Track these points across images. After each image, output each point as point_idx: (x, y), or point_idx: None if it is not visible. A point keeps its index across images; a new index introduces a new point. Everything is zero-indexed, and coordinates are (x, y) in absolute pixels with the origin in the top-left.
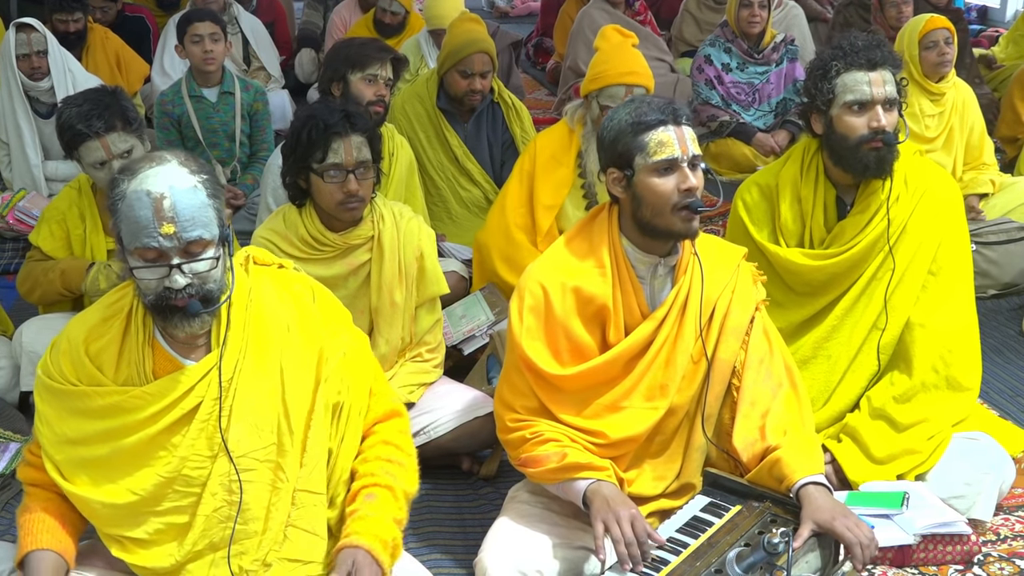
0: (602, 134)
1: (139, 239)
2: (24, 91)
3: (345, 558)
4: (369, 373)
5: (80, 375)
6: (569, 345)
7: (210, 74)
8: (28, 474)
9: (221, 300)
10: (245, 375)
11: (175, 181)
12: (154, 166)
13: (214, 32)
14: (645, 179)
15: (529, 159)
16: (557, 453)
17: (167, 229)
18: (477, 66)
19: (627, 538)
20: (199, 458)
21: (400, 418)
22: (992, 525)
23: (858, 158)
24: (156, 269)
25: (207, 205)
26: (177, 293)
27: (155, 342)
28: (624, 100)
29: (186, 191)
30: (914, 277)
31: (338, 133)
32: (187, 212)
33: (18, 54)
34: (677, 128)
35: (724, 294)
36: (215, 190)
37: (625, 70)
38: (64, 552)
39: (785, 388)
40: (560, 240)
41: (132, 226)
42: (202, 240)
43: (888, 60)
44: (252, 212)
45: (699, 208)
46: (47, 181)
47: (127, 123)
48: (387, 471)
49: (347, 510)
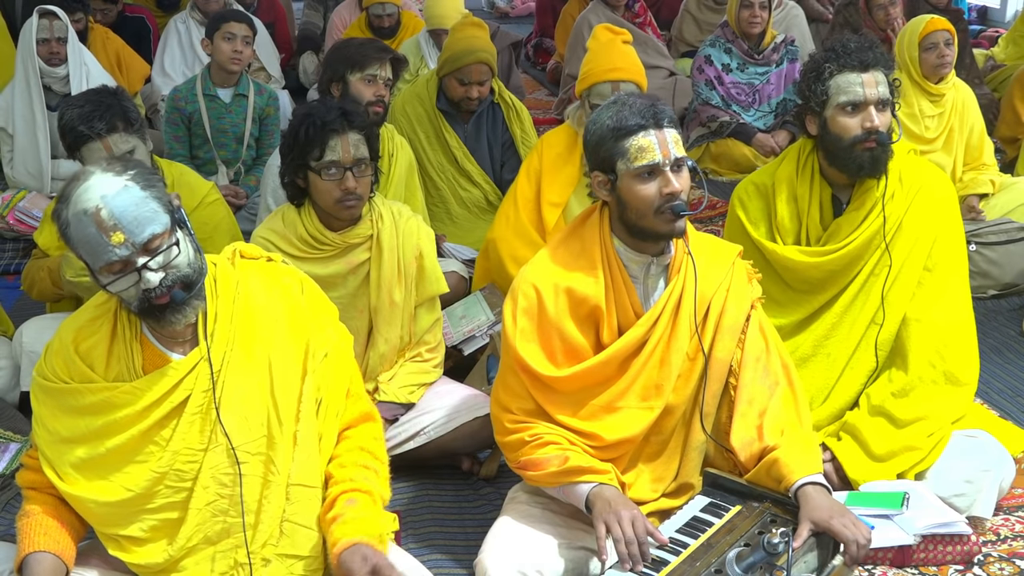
0: (586, 137)
1: (99, 258)
2: (40, 79)
3: (352, 556)
4: (348, 373)
5: (72, 373)
6: (563, 346)
7: (232, 74)
8: (26, 478)
9: (202, 278)
10: (233, 368)
11: (104, 189)
12: (81, 183)
13: (247, 35)
14: (628, 184)
15: (537, 158)
16: (558, 456)
17: (117, 238)
18: (475, 75)
19: (627, 537)
20: (190, 451)
21: (374, 423)
22: (992, 525)
23: (852, 158)
24: (127, 277)
25: (144, 198)
26: (155, 291)
27: (143, 338)
28: (611, 96)
29: (118, 194)
30: (910, 273)
31: (335, 130)
32: (128, 214)
33: (39, 38)
34: (658, 132)
35: (719, 292)
36: (147, 180)
37: (609, 67)
38: (62, 554)
39: (782, 386)
40: (552, 241)
41: (86, 248)
42: (155, 235)
43: (880, 61)
44: (252, 212)
45: (682, 212)
46: (51, 180)
47: (128, 124)
48: (365, 477)
49: (328, 516)
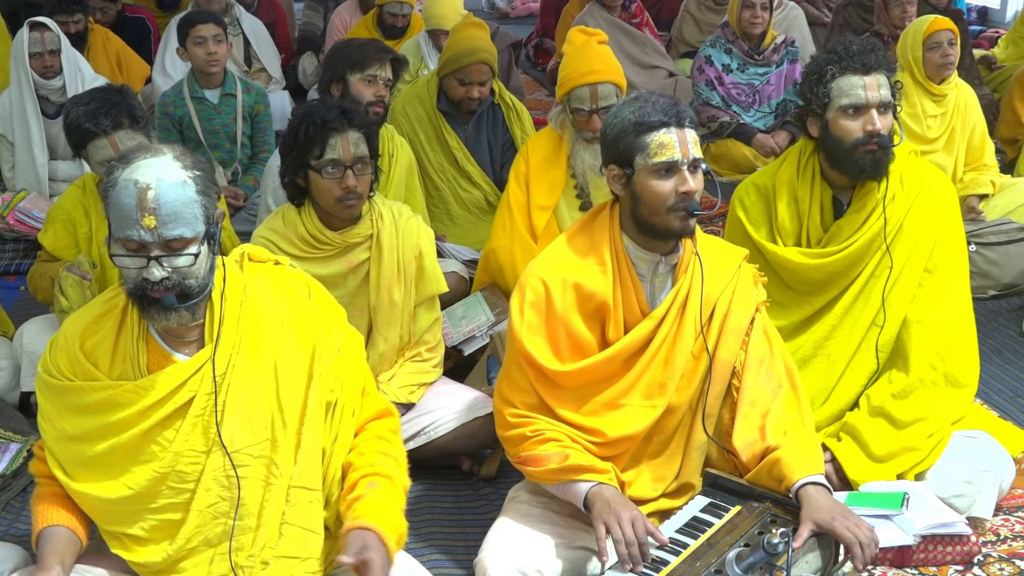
0: (605, 130)
1: (122, 229)
2: (35, 90)
3: (355, 539)
4: (361, 373)
5: (76, 370)
6: (569, 341)
7: (213, 76)
8: (38, 467)
9: (200, 299)
10: (238, 370)
11: (164, 174)
12: (148, 157)
13: (217, 34)
14: (644, 179)
15: (523, 162)
16: (559, 454)
17: (148, 222)
18: (475, 76)
19: (628, 538)
20: (193, 453)
21: (391, 418)
22: (992, 526)
23: (854, 161)
24: (136, 259)
25: (194, 201)
26: (154, 285)
27: (149, 337)
28: (589, 99)
29: (173, 185)
30: (911, 275)
31: (335, 129)
32: (170, 207)
33: (31, 52)
34: (679, 130)
35: (724, 294)
36: (206, 187)
37: (584, 70)
38: (76, 529)
39: (785, 389)
40: (562, 237)
41: (117, 214)
42: (183, 238)
43: (883, 64)
44: (252, 213)
45: (695, 211)
46: (50, 181)
47: (134, 121)
48: (385, 463)
49: (349, 497)
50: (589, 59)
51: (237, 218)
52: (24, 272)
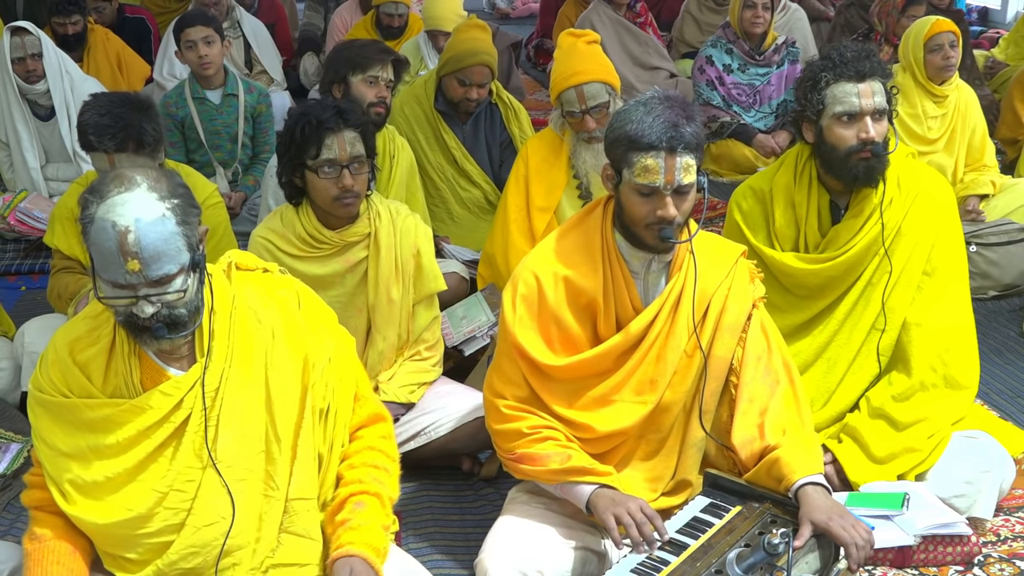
0: (609, 128)
1: (106, 271)
2: (21, 94)
3: (342, 567)
4: (354, 377)
5: (71, 383)
6: (560, 335)
7: (209, 77)
8: (33, 496)
9: (193, 323)
10: (231, 384)
11: (142, 212)
12: (122, 192)
13: (207, 35)
14: (627, 192)
15: (523, 163)
16: (560, 454)
17: (132, 266)
18: (475, 77)
19: (639, 520)
20: (190, 470)
21: (384, 423)
22: (992, 526)
23: (848, 168)
24: (124, 299)
25: (175, 235)
26: (143, 319)
27: (141, 352)
28: (577, 100)
29: (152, 223)
30: (911, 278)
31: (331, 128)
32: (152, 248)
33: (13, 57)
34: (669, 157)
35: (719, 291)
36: (185, 214)
37: (568, 73)
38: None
39: (784, 385)
40: (557, 231)
41: (99, 256)
42: (169, 275)
43: (877, 71)
44: (253, 213)
45: (669, 239)
46: (47, 181)
47: (140, 146)
48: (374, 477)
49: (336, 519)
50: (573, 61)
51: (238, 219)
52: (24, 272)
